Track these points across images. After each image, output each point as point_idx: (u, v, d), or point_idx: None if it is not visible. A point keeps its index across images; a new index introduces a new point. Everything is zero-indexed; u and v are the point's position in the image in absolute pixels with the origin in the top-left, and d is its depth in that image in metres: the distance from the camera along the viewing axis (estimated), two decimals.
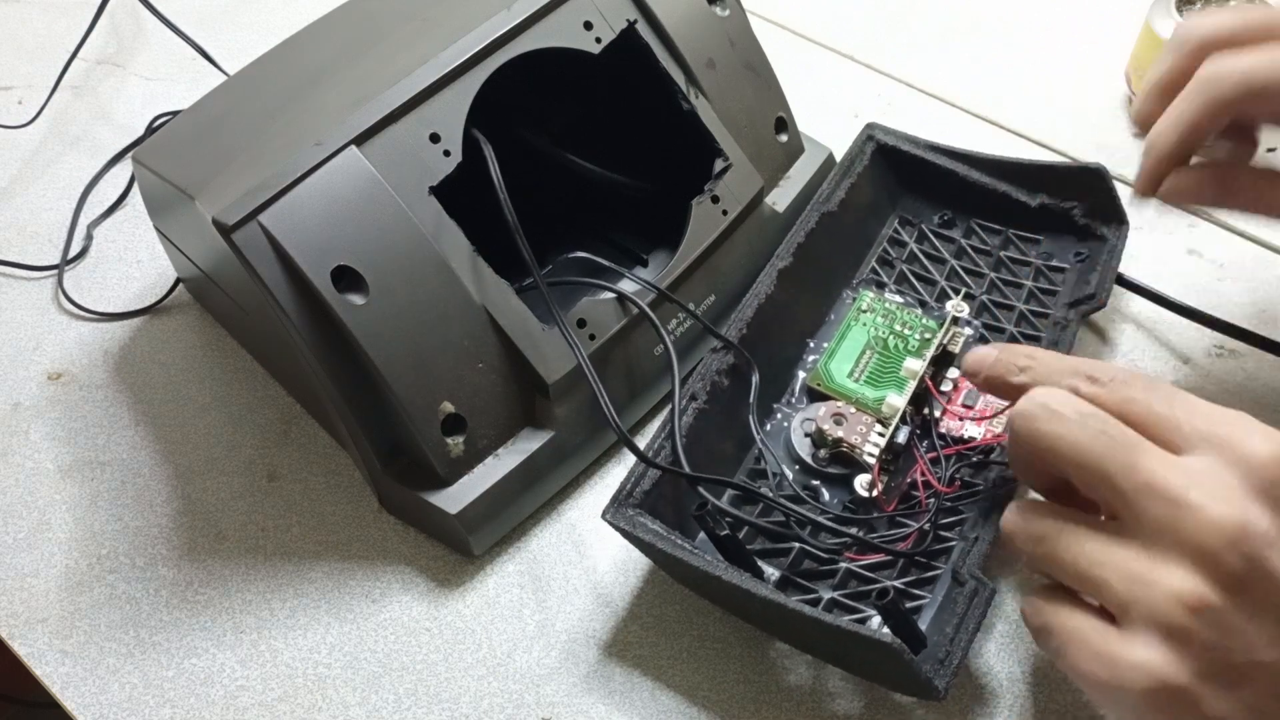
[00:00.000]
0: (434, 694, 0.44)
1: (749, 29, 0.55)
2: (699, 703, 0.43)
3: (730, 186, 0.52)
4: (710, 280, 0.52)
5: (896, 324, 0.52)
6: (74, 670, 0.45)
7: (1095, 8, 0.71)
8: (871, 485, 0.45)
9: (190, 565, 0.48)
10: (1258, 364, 0.52)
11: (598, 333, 0.47)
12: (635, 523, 0.42)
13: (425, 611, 0.46)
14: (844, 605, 0.43)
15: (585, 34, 0.49)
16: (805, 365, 0.51)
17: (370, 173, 0.44)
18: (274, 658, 0.45)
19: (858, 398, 0.49)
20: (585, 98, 0.55)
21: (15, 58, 0.71)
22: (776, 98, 0.56)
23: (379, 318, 0.43)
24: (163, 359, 0.55)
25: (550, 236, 0.54)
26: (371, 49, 0.50)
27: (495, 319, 0.45)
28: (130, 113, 0.67)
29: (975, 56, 0.69)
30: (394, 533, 0.48)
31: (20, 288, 0.59)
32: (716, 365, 0.47)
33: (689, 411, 0.46)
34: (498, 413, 0.46)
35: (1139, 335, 0.54)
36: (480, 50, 0.46)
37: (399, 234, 0.44)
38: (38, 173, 0.64)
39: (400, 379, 0.44)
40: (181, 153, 0.49)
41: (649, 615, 0.46)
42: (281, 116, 0.48)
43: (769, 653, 0.44)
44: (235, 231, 0.42)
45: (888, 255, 0.55)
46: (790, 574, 0.44)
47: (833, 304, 0.53)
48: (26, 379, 0.54)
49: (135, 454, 0.51)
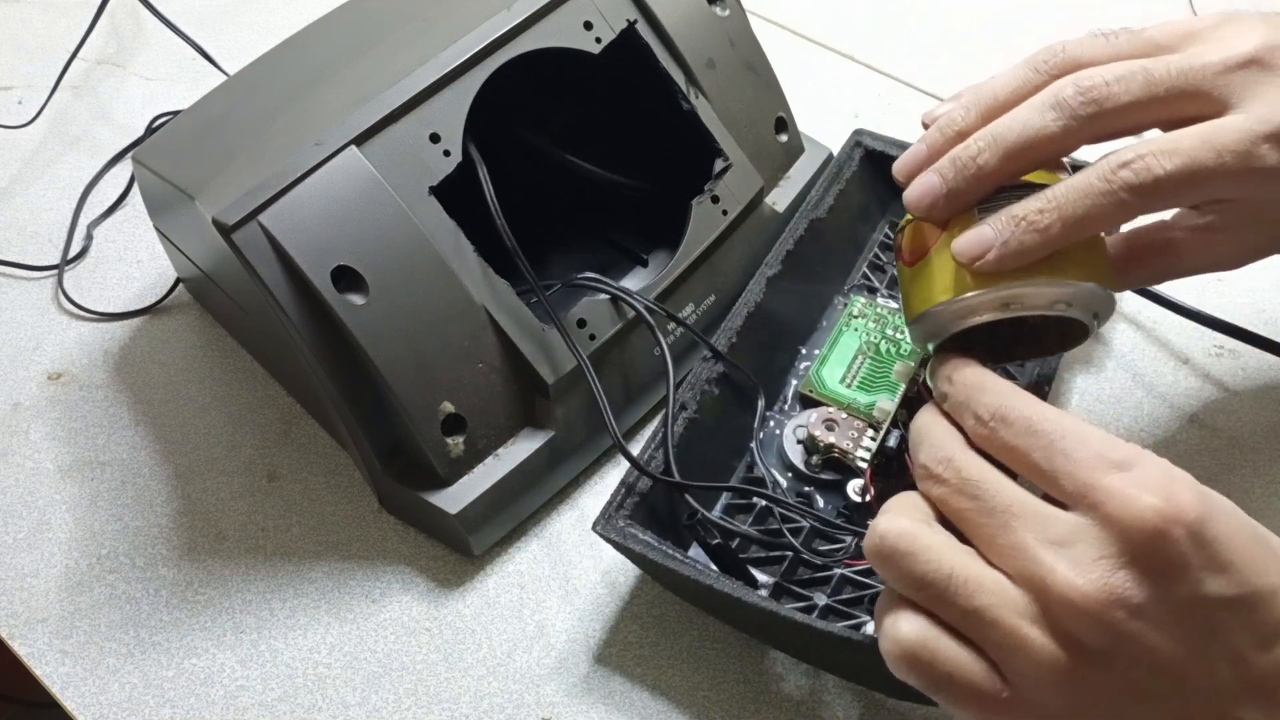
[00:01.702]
0: (434, 694, 0.44)
1: (749, 29, 0.55)
2: (698, 703, 0.43)
3: (730, 186, 0.52)
4: (710, 280, 0.52)
5: (888, 329, 0.52)
6: (74, 670, 0.45)
7: (1095, 8, 0.71)
8: (865, 490, 0.45)
9: (190, 565, 0.48)
10: (1258, 364, 0.52)
11: (597, 333, 0.47)
12: (626, 534, 0.42)
13: (425, 611, 0.46)
14: (839, 611, 0.43)
15: (585, 34, 0.49)
16: (797, 372, 0.51)
17: (370, 173, 0.44)
18: (274, 658, 0.45)
19: (850, 403, 0.49)
20: (585, 98, 0.55)
21: (15, 58, 0.71)
22: (776, 98, 0.56)
23: (379, 318, 0.43)
24: (163, 359, 0.55)
25: (550, 237, 0.54)
26: (371, 49, 0.50)
27: (495, 319, 0.45)
28: (130, 113, 0.67)
29: (975, 57, 0.69)
30: (394, 533, 0.48)
31: (20, 288, 0.59)
32: (707, 374, 0.47)
33: (679, 420, 0.46)
34: (498, 413, 0.46)
35: (1138, 335, 0.54)
36: (480, 50, 0.47)
37: (399, 234, 0.44)
38: (38, 173, 0.64)
39: (400, 379, 0.44)
40: (181, 153, 0.49)
41: (649, 615, 0.46)
42: (281, 116, 0.48)
43: (768, 656, 0.44)
44: (235, 231, 0.42)
45: (878, 260, 0.55)
46: (784, 581, 0.44)
47: (824, 310, 0.53)
48: (26, 379, 0.54)
49: (135, 454, 0.51)
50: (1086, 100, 0.37)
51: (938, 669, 0.32)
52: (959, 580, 0.32)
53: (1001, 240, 0.37)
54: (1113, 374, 0.52)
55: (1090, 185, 0.37)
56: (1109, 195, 0.36)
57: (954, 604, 0.32)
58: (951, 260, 0.38)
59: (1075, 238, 0.37)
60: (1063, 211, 0.37)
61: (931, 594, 0.33)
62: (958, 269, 0.38)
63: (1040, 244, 0.37)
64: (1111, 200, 0.37)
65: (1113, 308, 0.39)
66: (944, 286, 0.39)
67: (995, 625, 0.32)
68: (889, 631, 0.33)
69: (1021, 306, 0.38)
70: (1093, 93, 0.37)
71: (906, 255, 0.41)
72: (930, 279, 0.39)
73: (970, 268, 0.38)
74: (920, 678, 0.33)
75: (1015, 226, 0.37)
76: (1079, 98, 0.37)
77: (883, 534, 0.33)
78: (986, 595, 0.32)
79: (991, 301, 0.38)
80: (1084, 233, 0.37)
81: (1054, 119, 0.38)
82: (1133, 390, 0.52)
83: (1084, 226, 0.37)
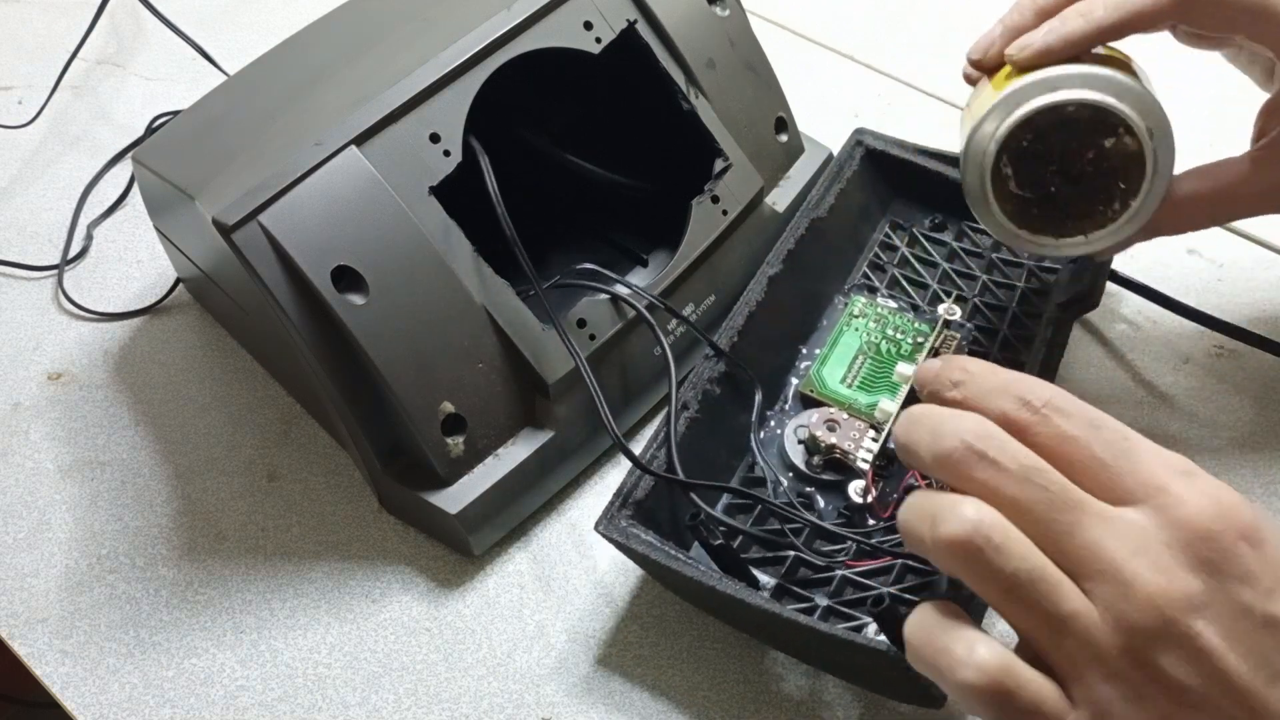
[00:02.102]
0: (434, 694, 0.44)
1: (749, 29, 0.55)
2: (698, 703, 0.43)
3: (730, 186, 0.52)
4: (710, 280, 0.52)
5: (889, 329, 0.52)
6: (74, 670, 0.45)
7: None
8: (866, 491, 0.45)
9: (190, 565, 0.48)
10: (1258, 364, 0.52)
11: (597, 333, 0.47)
12: (628, 534, 0.42)
13: (425, 611, 0.46)
14: (840, 613, 0.43)
15: (585, 34, 0.49)
16: (798, 372, 0.51)
17: (370, 173, 0.44)
18: (274, 658, 0.45)
19: (851, 403, 0.49)
20: (585, 98, 0.55)
21: (15, 58, 0.71)
22: (776, 98, 0.56)
23: (379, 318, 0.43)
24: (163, 359, 0.55)
25: (550, 237, 0.54)
26: (371, 49, 0.50)
27: (495, 319, 0.45)
28: (130, 113, 0.67)
29: None
30: (394, 533, 0.48)
31: (20, 288, 0.59)
32: (709, 373, 0.47)
33: (681, 420, 0.46)
34: (498, 413, 0.46)
35: (1138, 335, 0.54)
36: (480, 50, 0.47)
37: (399, 234, 0.44)
38: (38, 173, 0.64)
39: (400, 379, 0.44)
40: (181, 153, 0.49)
41: (649, 615, 0.46)
42: (281, 116, 0.48)
43: (768, 656, 0.44)
44: (235, 231, 0.42)
45: (879, 260, 0.55)
46: (785, 582, 0.44)
47: (824, 310, 0.53)
48: (26, 379, 0.54)
49: (135, 454, 0.51)
50: None
51: (1023, 699, 0.30)
52: (1050, 582, 0.30)
53: (1048, 28, 0.41)
54: (1113, 374, 0.52)
55: None
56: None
57: (1039, 606, 0.30)
58: (1005, 69, 0.42)
59: (1120, 27, 0.40)
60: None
61: (1017, 595, 0.30)
62: (1012, 71, 0.42)
63: (1085, 28, 0.40)
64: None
65: (1171, 139, 0.41)
66: (997, 86, 0.42)
67: (1075, 635, 0.30)
68: (968, 659, 0.30)
69: (1070, 86, 0.40)
70: None
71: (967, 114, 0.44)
72: (989, 93, 0.42)
73: (1020, 58, 0.41)
74: (1001, 710, 0.30)
75: (1062, 19, 0.41)
76: None
77: (977, 522, 0.30)
78: (1071, 602, 0.30)
79: (1038, 84, 0.40)
80: (1129, 22, 0.41)
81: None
82: (1133, 390, 0.52)
83: (1129, 12, 0.40)
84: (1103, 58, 0.42)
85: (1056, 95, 0.40)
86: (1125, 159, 0.40)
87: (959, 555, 0.31)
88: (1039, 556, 0.30)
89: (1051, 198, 0.41)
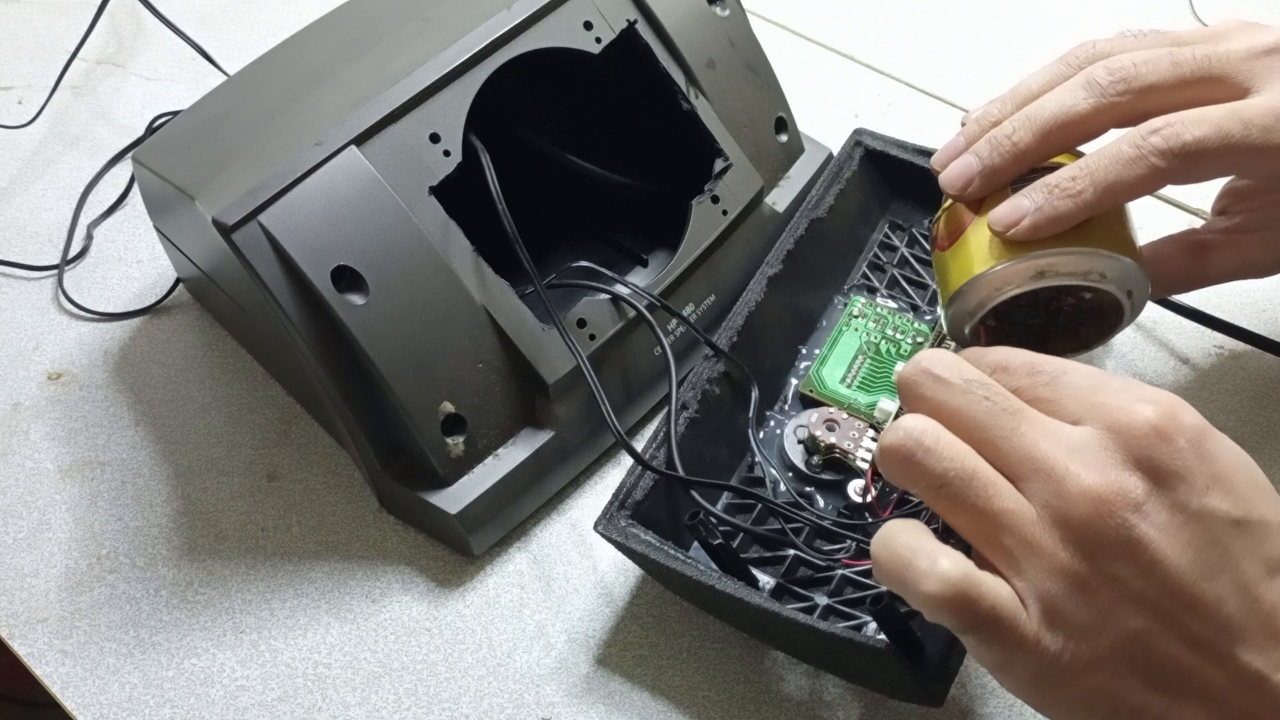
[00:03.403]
0: (434, 694, 0.44)
1: (749, 29, 0.55)
2: (698, 703, 0.43)
3: (730, 186, 0.52)
4: (710, 280, 0.52)
5: (888, 329, 0.52)
6: (74, 670, 0.45)
7: (1095, 9, 0.71)
8: (865, 491, 0.45)
9: (190, 565, 0.48)
10: (1258, 364, 0.52)
11: (597, 333, 0.47)
12: (628, 534, 0.42)
13: (425, 611, 0.46)
14: (840, 612, 0.43)
15: (585, 34, 0.49)
16: (797, 372, 0.51)
17: (370, 173, 0.44)
18: (274, 658, 0.45)
19: (850, 403, 0.49)
20: (585, 98, 0.55)
21: (15, 58, 0.71)
22: (776, 98, 0.56)
23: (379, 318, 0.43)
24: (163, 359, 0.55)
25: (550, 237, 0.54)
26: (371, 49, 0.50)
27: (495, 319, 0.45)
28: (130, 113, 0.67)
29: (975, 56, 0.69)
30: (394, 533, 0.48)
31: (20, 288, 0.59)
32: (708, 373, 0.47)
33: (681, 419, 0.46)
34: (498, 413, 0.46)
35: (1137, 335, 0.54)
36: (480, 50, 0.47)
37: (399, 234, 0.44)
38: (38, 173, 0.64)
39: (400, 379, 0.44)
40: (181, 153, 0.49)
41: (649, 615, 0.46)
42: (281, 116, 0.48)
43: (768, 656, 0.44)
44: (235, 231, 0.42)
45: (879, 260, 0.55)
46: (785, 581, 0.44)
47: (824, 310, 0.53)
48: (26, 379, 0.54)
49: (135, 454, 0.51)
50: (1116, 79, 0.40)
51: (983, 604, 0.31)
52: (982, 481, 0.32)
53: (1035, 206, 0.39)
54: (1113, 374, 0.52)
55: (1121, 151, 0.39)
56: (1139, 160, 0.38)
57: (973, 505, 0.32)
58: (987, 234, 0.40)
59: (1108, 203, 0.39)
60: (1095, 177, 0.38)
61: (949, 492, 0.32)
62: (993, 241, 0.40)
63: (1074, 209, 0.39)
64: (1142, 165, 0.38)
65: (1147, 289, 0.40)
66: (981, 259, 0.40)
67: (1011, 530, 0.32)
68: (931, 571, 0.32)
69: (1056, 274, 0.39)
70: (1121, 73, 0.40)
71: (943, 240, 0.42)
72: (967, 256, 0.41)
73: (1006, 236, 0.39)
74: (964, 617, 0.32)
75: (1049, 193, 0.39)
76: (1109, 77, 0.40)
77: (908, 429, 0.33)
78: (1004, 500, 0.32)
79: (1026, 270, 0.39)
80: (1116, 199, 0.39)
81: (1085, 98, 0.40)
82: None
83: (1115, 192, 0.39)
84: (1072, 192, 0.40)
85: (1045, 282, 0.40)
86: (1104, 304, 0.41)
87: (896, 462, 0.33)
88: (973, 458, 0.33)
89: (1031, 328, 0.42)
